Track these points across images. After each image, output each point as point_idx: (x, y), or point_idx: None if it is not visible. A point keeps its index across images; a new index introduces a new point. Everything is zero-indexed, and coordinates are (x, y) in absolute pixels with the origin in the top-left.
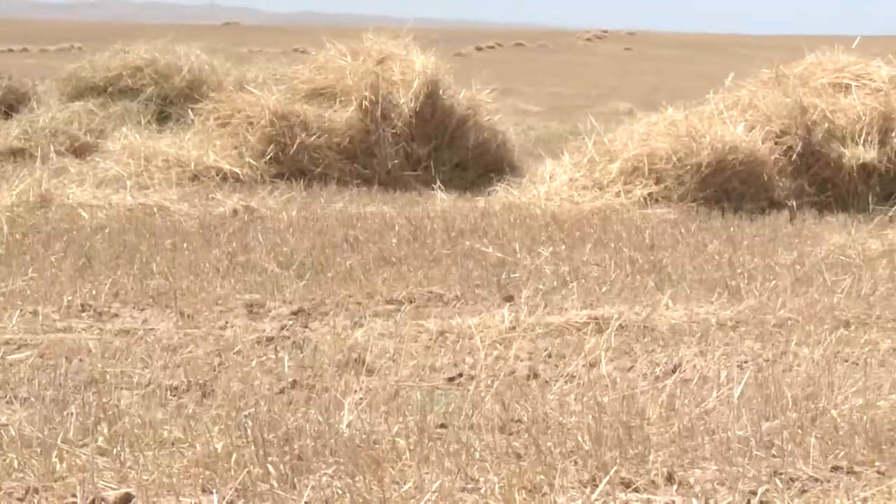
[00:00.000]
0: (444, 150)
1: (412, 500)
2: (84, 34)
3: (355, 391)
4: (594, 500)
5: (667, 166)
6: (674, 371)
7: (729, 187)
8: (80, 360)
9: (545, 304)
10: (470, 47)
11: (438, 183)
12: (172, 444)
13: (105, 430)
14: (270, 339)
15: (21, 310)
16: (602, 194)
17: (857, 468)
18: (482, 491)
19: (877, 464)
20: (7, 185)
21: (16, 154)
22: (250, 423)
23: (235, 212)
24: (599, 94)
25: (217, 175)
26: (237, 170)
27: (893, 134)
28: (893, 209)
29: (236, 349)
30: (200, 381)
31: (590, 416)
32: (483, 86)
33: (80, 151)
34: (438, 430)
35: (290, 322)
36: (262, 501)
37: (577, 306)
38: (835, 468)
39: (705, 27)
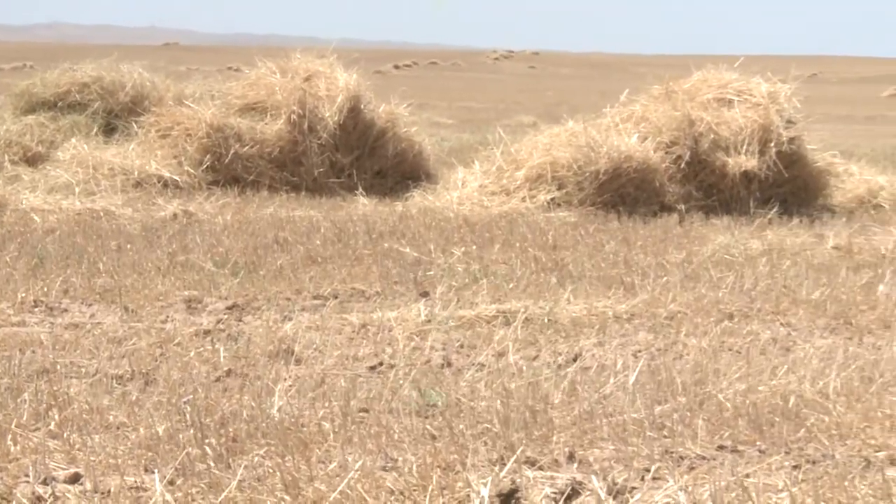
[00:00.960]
0: (365, 159)
1: (337, 479)
2: (36, 54)
3: (285, 379)
4: (503, 477)
5: (568, 174)
6: (575, 360)
7: (624, 192)
8: (33, 351)
9: (458, 300)
10: (389, 66)
11: (360, 189)
12: (118, 427)
13: (56, 416)
14: (207, 332)
15: None
16: (509, 199)
17: (740, 447)
18: (401, 469)
19: (758, 443)
20: None
21: None
22: (189, 409)
23: (175, 216)
24: (506, 108)
25: (158, 182)
26: (177, 177)
27: (772, 144)
28: (772, 212)
29: (176, 341)
30: (143, 371)
31: (498, 401)
32: (401, 101)
33: (32, 161)
34: (360, 414)
35: (226, 316)
36: (200, 480)
37: (487, 301)
38: (720, 447)
39: (602, 47)
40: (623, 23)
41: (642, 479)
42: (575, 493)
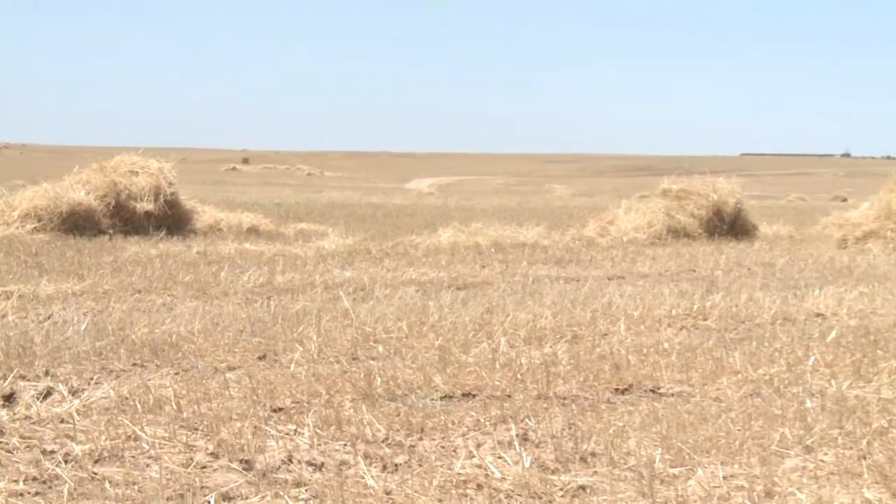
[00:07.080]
0: None
1: None
2: None
3: None
4: (5, 386)
5: (44, 213)
6: (49, 318)
7: (77, 223)
8: None
9: None
10: None
11: None
12: None
13: None
14: None
15: None
16: (9, 228)
17: (144, 364)
18: None
19: (156, 361)
20: None
21: None
22: None
23: None
24: (9, 175)
25: None
26: None
27: (161, 195)
28: (162, 233)
29: None
30: None
31: (2, 342)
32: None
33: None
34: None
35: None
36: None
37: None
38: (134, 364)
39: (74, 141)
40: (94, 118)
41: (89, 384)
42: (49, 393)
